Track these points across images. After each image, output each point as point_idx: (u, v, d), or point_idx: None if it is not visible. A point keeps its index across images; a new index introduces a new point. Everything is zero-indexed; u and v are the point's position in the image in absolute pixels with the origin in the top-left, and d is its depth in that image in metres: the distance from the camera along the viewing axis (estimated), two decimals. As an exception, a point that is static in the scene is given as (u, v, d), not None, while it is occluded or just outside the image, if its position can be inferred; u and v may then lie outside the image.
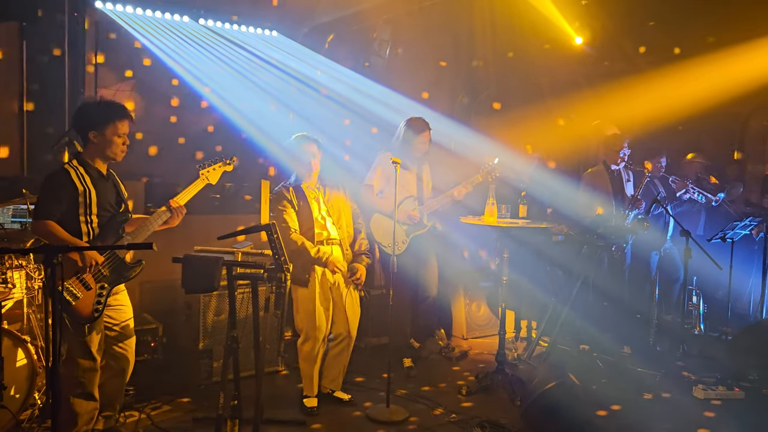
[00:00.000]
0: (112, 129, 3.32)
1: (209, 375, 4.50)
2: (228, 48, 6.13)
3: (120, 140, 3.36)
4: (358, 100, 6.51)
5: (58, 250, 2.20)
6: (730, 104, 6.54)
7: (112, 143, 3.33)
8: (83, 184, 3.27)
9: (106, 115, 3.33)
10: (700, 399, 4.52)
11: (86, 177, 3.29)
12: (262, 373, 3.63)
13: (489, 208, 4.61)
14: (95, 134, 3.31)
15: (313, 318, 4.06)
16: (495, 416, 4.03)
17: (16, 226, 4.34)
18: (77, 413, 3.28)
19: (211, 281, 3.30)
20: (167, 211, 3.47)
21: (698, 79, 6.57)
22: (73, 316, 3.19)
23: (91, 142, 3.33)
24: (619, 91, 6.91)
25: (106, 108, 3.37)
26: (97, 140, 3.32)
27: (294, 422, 3.95)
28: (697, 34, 6.50)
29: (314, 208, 4.17)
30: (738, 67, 6.25)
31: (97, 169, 3.36)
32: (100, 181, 3.36)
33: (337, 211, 4.26)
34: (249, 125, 6.04)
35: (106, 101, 3.45)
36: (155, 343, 4.48)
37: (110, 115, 3.33)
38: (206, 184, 3.67)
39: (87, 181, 3.29)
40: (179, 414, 4.02)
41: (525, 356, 5.31)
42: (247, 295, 4.33)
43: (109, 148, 3.34)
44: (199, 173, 3.64)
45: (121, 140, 3.36)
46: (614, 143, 5.60)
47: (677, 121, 6.63)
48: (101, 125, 3.31)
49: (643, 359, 5.18)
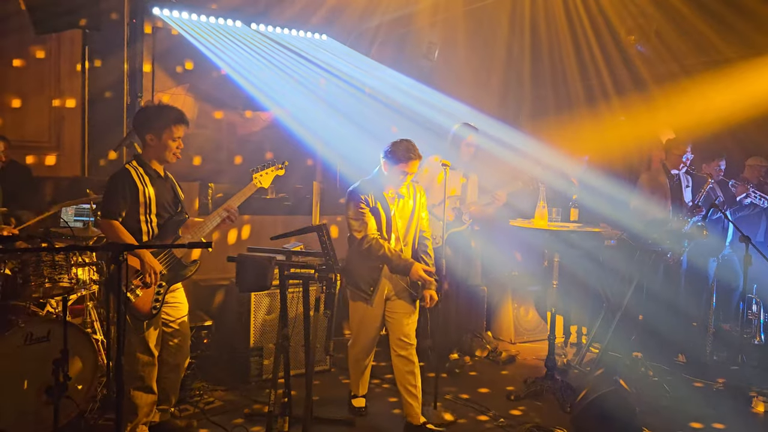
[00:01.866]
0: (168, 133, 3.42)
1: (260, 372, 4.58)
2: (278, 51, 6.24)
3: (174, 144, 3.45)
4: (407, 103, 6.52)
5: (126, 248, 2.28)
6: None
7: (167, 147, 3.44)
8: (143, 183, 3.38)
9: (163, 119, 3.43)
10: (760, 412, 4.35)
11: (146, 177, 3.41)
12: (311, 372, 3.68)
13: (540, 211, 4.56)
14: (152, 137, 3.42)
15: (367, 333, 3.97)
16: (544, 422, 3.97)
17: (79, 225, 4.52)
18: (137, 405, 3.39)
19: (264, 280, 3.37)
20: (222, 214, 3.55)
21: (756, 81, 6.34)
22: (133, 313, 3.31)
23: (148, 145, 3.45)
24: (673, 93, 6.73)
25: (164, 112, 3.47)
26: (153, 143, 3.43)
27: (343, 422, 3.98)
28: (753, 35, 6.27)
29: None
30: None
31: (155, 170, 3.47)
32: (158, 182, 3.47)
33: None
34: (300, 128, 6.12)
35: (164, 105, 3.55)
36: (208, 340, 4.59)
37: (167, 119, 3.43)
38: (259, 188, 3.74)
39: (147, 181, 3.40)
40: (231, 409, 4.11)
41: (575, 362, 5.22)
42: (297, 295, 4.40)
43: (164, 151, 3.44)
44: (252, 177, 3.71)
45: (175, 144, 3.46)
46: (677, 147, 5.46)
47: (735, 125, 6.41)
48: (158, 129, 3.41)
49: (698, 369, 5.03)
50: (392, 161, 3.76)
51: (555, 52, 7.24)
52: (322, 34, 6.56)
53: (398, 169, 3.76)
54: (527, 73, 7.44)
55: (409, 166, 3.76)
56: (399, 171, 3.76)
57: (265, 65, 6.12)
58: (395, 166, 3.76)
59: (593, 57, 7.02)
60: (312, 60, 6.40)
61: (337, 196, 6.51)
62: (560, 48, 7.12)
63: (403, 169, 3.76)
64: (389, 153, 3.78)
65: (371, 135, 6.40)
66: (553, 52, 7.24)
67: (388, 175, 3.81)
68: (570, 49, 7.07)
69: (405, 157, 3.73)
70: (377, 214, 3.80)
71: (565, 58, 7.21)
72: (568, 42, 6.98)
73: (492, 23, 7.09)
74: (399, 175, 3.78)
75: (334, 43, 6.59)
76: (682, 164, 5.41)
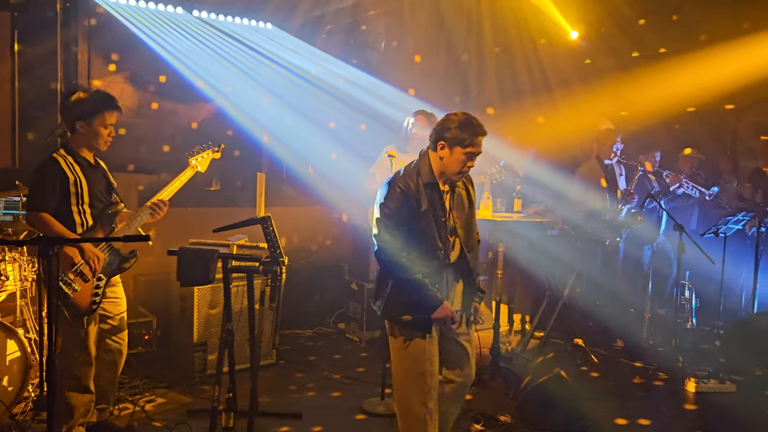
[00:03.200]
0: (100, 119, 3.29)
1: (204, 368, 4.49)
2: (221, 40, 6.09)
3: (106, 131, 3.33)
4: (353, 93, 6.48)
5: (55, 241, 2.18)
6: (723, 100, 6.58)
7: (98, 134, 3.30)
8: (73, 173, 3.24)
9: (95, 105, 3.30)
10: (692, 392, 4.56)
11: (75, 166, 3.26)
12: (257, 366, 3.63)
13: (484, 202, 4.62)
14: (82, 124, 3.28)
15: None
16: (490, 409, 4.04)
17: (9, 218, 4.30)
18: (73, 406, 3.27)
19: (206, 274, 3.29)
20: (149, 208, 3.44)
21: (692, 75, 6.60)
22: (72, 309, 3.17)
23: (77, 132, 3.30)
24: (613, 86, 6.94)
25: (95, 98, 3.33)
26: (84, 130, 3.29)
27: (289, 415, 3.94)
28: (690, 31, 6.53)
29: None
30: (731, 63, 6.29)
31: (85, 158, 3.33)
32: (89, 170, 3.33)
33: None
34: (243, 117, 6.00)
35: (95, 91, 3.41)
36: (149, 336, 4.47)
37: (98, 105, 3.30)
38: (196, 172, 3.65)
39: (77, 169, 3.26)
40: (174, 407, 4.02)
41: (519, 350, 5.33)
42: (242, 288, 4.32)
43: (96, 139, 3.31)
44: (189, 161, 3.64)
45: (107, 131, 3.33)
46: (607, 138, 5.67)
47: (671, 117, 6.67)
48: (89, 115, 3.27)
49: (635, 352, 5.22)
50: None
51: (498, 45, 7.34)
52: (267, 22, 6.44)
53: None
54: (473, 64, 7.51)
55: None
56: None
57: (208, 54, 5.95)
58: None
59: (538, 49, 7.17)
60: (257, 49, 6.27)
61: (283, 186, 6.43)
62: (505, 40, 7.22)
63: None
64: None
65: (317, 125, 6.35)
66: (496, 44, 7.34)
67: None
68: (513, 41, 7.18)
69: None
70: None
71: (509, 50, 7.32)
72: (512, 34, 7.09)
73: (438, 13, 7.12)
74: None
75: (280, 32, 6.47)
76: (613, 154, 5.59)
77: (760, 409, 4.36)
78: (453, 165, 2.92)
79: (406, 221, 2.90)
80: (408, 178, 2.95)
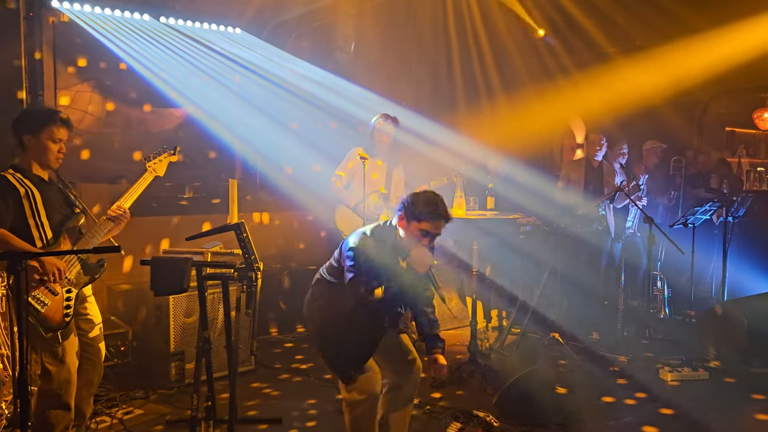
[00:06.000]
0: (47, 133, 3.25)
1: (182, 377, 4.45)
2: (190, 46, 6.04)
3: (56, 146, 3.28)
4: (325, 97, 6.48)
5: (22, 256, 2.16)
6: (689, 92, 6.72)
7: (46, 148, 3.26)
8: (24, 186, 3.19)
9: (42, 119, 3.27)
10: (666, 380, 4.65)
11: (26, 180, 3.22)
12: (235, 374, 3.61)
13: (457, 200, 4.67)
14: (29, 138, 3.24)
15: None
16: (469, 407, 4.08)
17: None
18: (53, 425, 3.22)
19: (181, 282, 3.26)
20: (108, 220, 3.41)
21: (658, 68, 6.74)
22: (44, 325, 3.13)
23: (25, 146, 3.26)
24: (580, 81, 7.04)
25: (43, 112, 3.33)
26: (31, 144, 3.25)
27: (269, 421, 3.94)
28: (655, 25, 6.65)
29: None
30: (696, 56, 6.43)
31: (37, 175, 3.28)
32: (42, 185, 3.28)
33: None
34: (216, 124, 5.96)
35: (46, 107, 3.41)
36: (125, 347, 4.42)
37: (46, 119, 3.26)
38: (155, 177, 3.64)
39: (27, 183, 3.21)
40: (152, 417, 3.98)
41: (497, 346, 5.37)
42: (217, 296, 4.30)
43: (45, 153, 3.26)
44: (146, 166, 3.62)
45: (56, 146, 3.28)
46: (595, 135, 5.91)
47: (638, 110, 6.79)
48: (36, 128, 3.24)
49: (611, 344, 5.31)
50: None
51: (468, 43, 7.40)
52: (236, 27, 6.41)
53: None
54: (443, 64, 7.55)
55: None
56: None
57: (177, 60, 5.90)
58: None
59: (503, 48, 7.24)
60: (226, 54, 6.24)
61: (257, 192, 6.41)
62: (475, 39, 7.28)
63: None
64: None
65: (289, 130, 6.33)
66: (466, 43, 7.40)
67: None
68: (483, 39, 7.25)
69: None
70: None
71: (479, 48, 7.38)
72: (481, 32, 7.15)
73: (408, 14, 7.15)
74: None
75: (249, 36, 6.45)
76: (622, 156, 5.80)
77: (733, 391, 4.48)
78: (409, 240, 2.98)
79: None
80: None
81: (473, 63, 7.46)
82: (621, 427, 3.95)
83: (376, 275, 2.96)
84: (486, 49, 7.27)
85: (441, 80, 7.65)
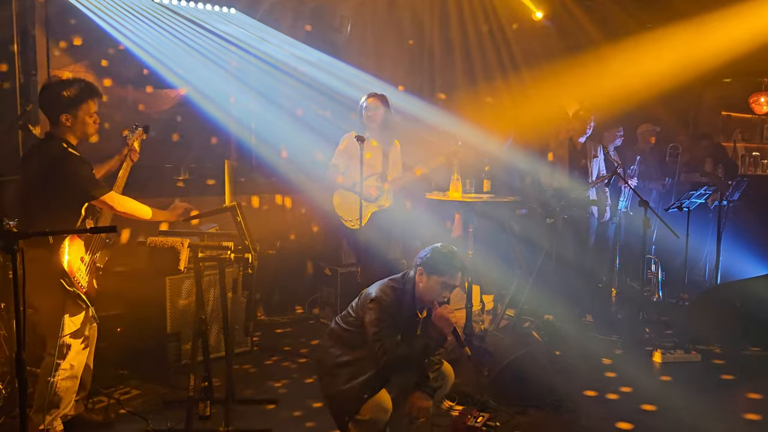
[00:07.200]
0: (84, 109, 3.25)
1: (178, 358, 4.47)
2: (185, 26, 5.97)
3: (92, 119, 3.30)
4: (320, 77, 6.43)
5: (19, 236, 2.15)
6: (685, 78, 6.71)
7: (85, 123, 3.28)
8: None
9: (76, 95, 3.23)
10: (658, 363, 4.70)
11: None
12: (231, 354, 3.65)
13: (453, 183, 4.67)
14: (67, 117, 3.22)
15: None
16: (464, 387, 4.11)
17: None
18: (61, 398, 3.24)
19: (177, 263, 3.29)
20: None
21: (655, 54, 6.72)
22: (88, 301, 3.23)
23: (62, 125, 3.23)
24: (578, 66, 7.01)
25: (74, 87, 3.25)
26: (70, 123, 3.24)
27: (266, 401, 3.96)
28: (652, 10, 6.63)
29: None
30: (693, 42, 6.42)
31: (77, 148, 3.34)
32: None
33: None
34: (212, 105, 5.92)
35: (72, 80, 3.32)
36: (122, 328, 4.42)
37: (81, 95, 3.24)
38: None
39: None
40: (150, 398, 4.00)
41: (492, 328, 5.41)
42: (214, 277, 4.31)
43: (84, 128, 3.29)
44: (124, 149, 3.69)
45: (92, 119, 3.31)
46: (578, 120, 5.76)
47: (636, 96, 6.77)
48: (73, 107, 3.22)
49: (604, 327, 5.35)
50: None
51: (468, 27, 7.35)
52: (231, 7, 6.34)
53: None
54: (437, 46, 7.50)
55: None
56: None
57: (171, 40, 5.84)
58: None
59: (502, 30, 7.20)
60: (221, 35, 6.17)
61: (253, 174, 6.39)
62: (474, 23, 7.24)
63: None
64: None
65: (285, 111, 6.30)
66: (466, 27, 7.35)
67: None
68: (483, 23, 7.20)
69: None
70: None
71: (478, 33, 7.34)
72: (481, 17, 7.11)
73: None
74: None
75: (243, 16, 6.38)
76: (588, 127, 5.68)
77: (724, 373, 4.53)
78: (428, 293, 3.02)
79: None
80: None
81: (470, 46, 7.42)
82: (612, 409, 3.99)
83: (395, 331, 2.98)
84: (484, 32, 7.22)
85: (438, 62, 7.59)
